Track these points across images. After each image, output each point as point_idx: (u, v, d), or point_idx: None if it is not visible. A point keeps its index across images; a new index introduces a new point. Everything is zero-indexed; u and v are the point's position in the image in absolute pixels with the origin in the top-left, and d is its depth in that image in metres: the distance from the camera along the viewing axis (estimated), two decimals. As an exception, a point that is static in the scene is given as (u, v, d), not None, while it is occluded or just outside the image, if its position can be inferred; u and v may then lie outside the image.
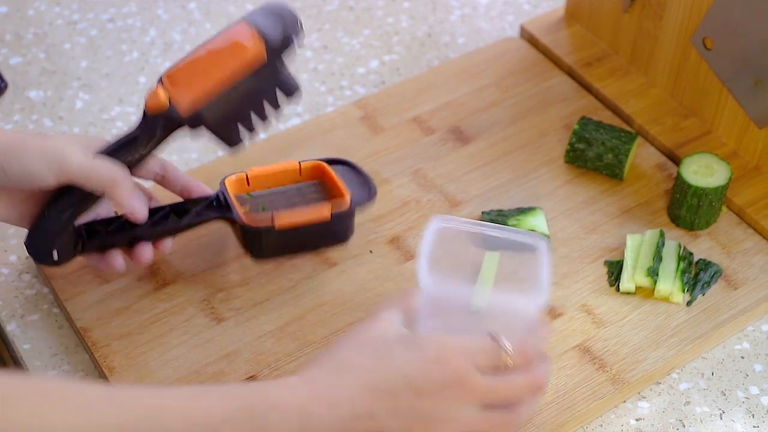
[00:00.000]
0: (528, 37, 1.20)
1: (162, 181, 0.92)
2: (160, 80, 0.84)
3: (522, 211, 1.00)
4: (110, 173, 0.83)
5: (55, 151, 0.81)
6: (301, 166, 0.95)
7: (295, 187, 0.95)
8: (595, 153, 1.03)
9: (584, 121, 1.05)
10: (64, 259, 0.87)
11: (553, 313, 0.93)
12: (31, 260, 0.99)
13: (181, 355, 0.90)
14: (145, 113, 0.85)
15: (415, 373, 0.72)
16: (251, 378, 0.88)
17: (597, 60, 1.16)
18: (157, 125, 0.85)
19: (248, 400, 0.71)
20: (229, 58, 0.84)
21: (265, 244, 0.91)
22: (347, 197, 0.91)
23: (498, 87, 1.14)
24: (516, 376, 0.74)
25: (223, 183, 0.92)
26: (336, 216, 0.91)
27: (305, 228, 0.90)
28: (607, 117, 1.10)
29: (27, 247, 0.86)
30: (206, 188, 0.93)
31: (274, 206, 0.93)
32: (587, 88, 1.14)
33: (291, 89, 0.88)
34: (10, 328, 0.95)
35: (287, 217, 0.89)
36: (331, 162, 0.96)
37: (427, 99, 1.13)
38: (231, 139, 0.88)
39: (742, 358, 0.93)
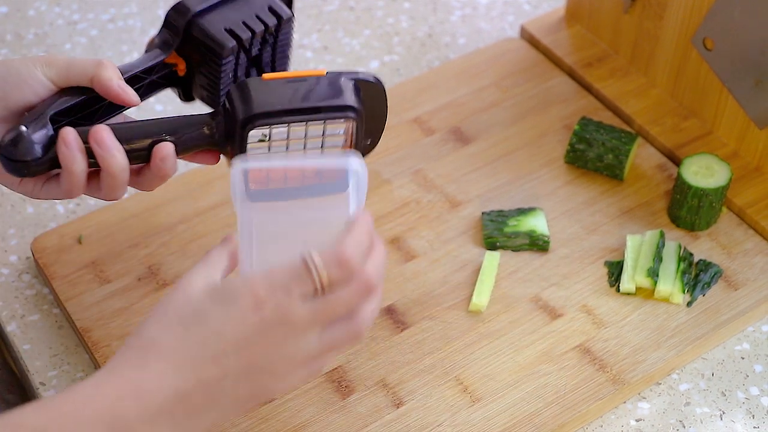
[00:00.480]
0: (528, 38, 1.20)
1: None
2: None
3: (522, 211, 1.00)
4: (97, 59, 0.80)
5: (40, 56, 0.80)
6: None
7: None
8: (595, 153, 1.03)
9: (584, 122, 1.05)
10: (34, 133, 0.77)
11: (553, 313, 0.93)
12: (31, 260, 0.99)
13: (181, 356, 0.90)
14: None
15: (233, 329, 0.65)
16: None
17: (597, 60, 1.16)
18: (156, 51, 0.87)
19: (43, 423, 0.63)
20: None
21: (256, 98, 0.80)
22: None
23: (498, 87, 1.14)
24: (342, 290, 0.67)
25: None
26: (333, 76, 0.81)
27: (300, 85, 0.80)
28: (607, 117, 1.10)
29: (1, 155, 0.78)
30: None
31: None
32: (587, 88, 1.14)
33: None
34: (10, 329, 0.95)
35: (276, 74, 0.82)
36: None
37: (428, 99, 1.13)
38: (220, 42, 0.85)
39: (743, 358, 0.93)
